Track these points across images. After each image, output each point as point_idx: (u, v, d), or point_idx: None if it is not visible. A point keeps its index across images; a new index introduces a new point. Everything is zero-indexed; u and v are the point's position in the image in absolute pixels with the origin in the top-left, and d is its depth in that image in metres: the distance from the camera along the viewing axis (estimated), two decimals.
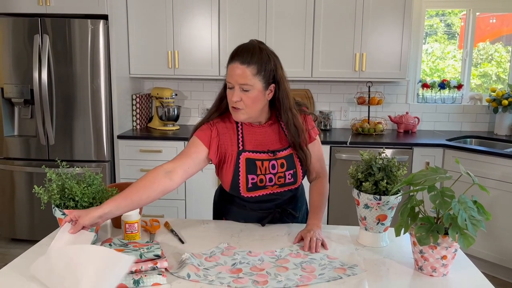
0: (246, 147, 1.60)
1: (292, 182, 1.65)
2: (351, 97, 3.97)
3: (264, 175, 1.60)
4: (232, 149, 1.60)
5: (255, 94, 1.51)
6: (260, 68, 1.49)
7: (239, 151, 1.59)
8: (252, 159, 1.59)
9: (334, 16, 3.51)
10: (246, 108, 1.52)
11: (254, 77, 1.48)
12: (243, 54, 1.49)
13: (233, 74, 1.49)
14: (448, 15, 4.12)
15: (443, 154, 3.33)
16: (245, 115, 1.54)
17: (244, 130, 1.62)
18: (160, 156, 3.49)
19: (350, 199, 3.39)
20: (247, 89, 1.49)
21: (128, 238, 1.50)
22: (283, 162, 1.62)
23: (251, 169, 1.59)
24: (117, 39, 3.45)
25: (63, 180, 1.44)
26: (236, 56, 1.50)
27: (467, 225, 1.18)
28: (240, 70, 1.48)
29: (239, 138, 1.61)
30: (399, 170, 1.47)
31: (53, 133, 3.41)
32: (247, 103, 1.51)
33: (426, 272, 1.31)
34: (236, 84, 1.49)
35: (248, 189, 1.60)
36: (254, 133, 1.62)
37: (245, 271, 1.33)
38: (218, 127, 1.60)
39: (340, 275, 1.30)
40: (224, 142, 1.60)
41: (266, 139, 1.63)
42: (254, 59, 1.48)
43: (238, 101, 1.50)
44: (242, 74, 1.48)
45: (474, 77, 4.08)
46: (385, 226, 1.51)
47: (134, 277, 1.22)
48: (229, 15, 3.56)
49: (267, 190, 1.64)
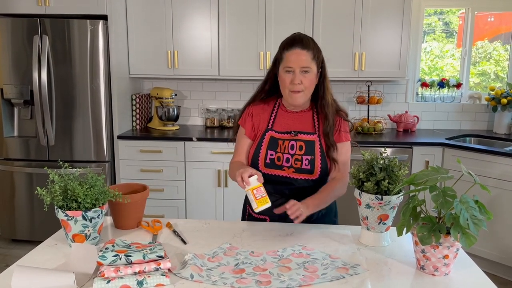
0: (274, 127, 1.76)
1: (308, 170, 1.69)
2: (350, 96, 3.97)
3: (282, 153, 1.71)
4: (262, 126, 1.77)
5: (312, 76, 1.67)
6: (315, 54, 1.67)
7: (267, 129, 1.76)
8: (276, 138, 1.73)
9: (333, 15, 3.52)
10: (305, 90, 1.67)
11: (312, 60, 1.66)
12: (302, 41, 1.67)
13: (295, 59, 1.64)
14: (446, 13, 4.13)
15: (443, 153, 3.34)
16: (304, 98, 1.70)
17: (278, 113, 1.78)
18: (160, 156, 3.50)
19: (351, 198, 3.40)
20: (308, 70, 1.65)
21: (261, 203, 1.50)
22: (302, 145, 1.70)
23: (272, 146, 1.73)
24: (117, 39, 3.44)
25: (65, 181, 1.44)
26: (295, 43, 1.67)
27: (469, 225, 1.18)
28: (302, 54, 1.65)
29: (271, 119, 1.77)
30: (401, 170, 1.47)
31: (53, 134, 3.41)
32: (306, 85, 1.66)
33: (428, 271, 1.32)
34: (298, 67, 1.64)
35: (266, 164, 1.72)
36: (286, 117, 1.76)
37: (248, 271, 1.33)
38: (254, 109, 1.80)
39: (342, 275, 1.31)
40: (257, 121, 1.78)
41: (296, 123, 1.75)
42: (311, 46, 1.67)
43: (299, 83, 1.65)
44: (304, 58, 1.64)
45: (473, 76, 4.09)
46: (387, 226, 1.52)
47: (138, 278, 1.22)
48: (229, 15, 3.56)
49: (284, 172, 1.71)
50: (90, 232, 1.45)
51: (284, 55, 1.67)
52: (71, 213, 1.40)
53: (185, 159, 3.49)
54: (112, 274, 1.22)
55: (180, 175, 3.52)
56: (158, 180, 3.52)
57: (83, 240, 1.45)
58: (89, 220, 1.43)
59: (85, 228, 1.43)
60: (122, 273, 1.23)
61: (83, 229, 1.43)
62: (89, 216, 1.42)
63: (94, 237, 1.47)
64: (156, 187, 3.52)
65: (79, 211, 1.41)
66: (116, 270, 1.23)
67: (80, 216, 1.41)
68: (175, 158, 3.49)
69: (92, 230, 1.45)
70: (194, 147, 3.47)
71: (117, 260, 1.26)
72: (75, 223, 1.42)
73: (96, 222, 1.45)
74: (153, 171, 3.52)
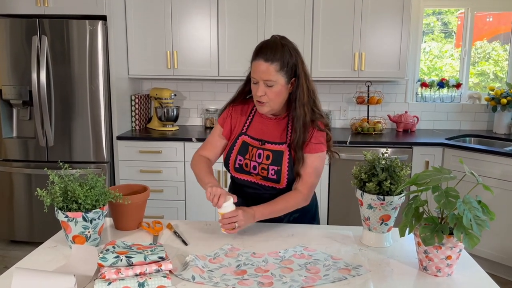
0: (248, 132, 1.73)
1: (275, 180, 1.66)
2: (350, 96, 3.97)
3: (249, 160, 1.69)
4: (238, 128, 1.75)
5: (278, 88, 1.59)
6: (283, 64, 1.57)
7: (241, 132, 1.74)
8: (247, 143, 1.72)
9: (333, 15, 3.51)
10: (270, 102, 1.61)
11: (277, 73, 1.57)
12: (267, 52, 1.57)
13: (258, 70, 1.58)
14: (445, 13, 4.13)
15: (443, 153, 3.34)
16: (269, 108, 1.64)
17: (255, 117, 1.75)
18: (159, 157, 3.49)
19: (350, 199, 3.41)
20: (271, 84, 1.58)
21: (227, 230, 1.52)
22: (269, 155, 1.67)
23: (242, 151, 1.71)
24: (116, 40, 3.43)
25: (65, 182, 1.43)
26: (260, 54, 1.58)
27: (472, 225, 1.18)
28: (264, 67, 1.56)
29: (246, 122, 1.75)
30: (403, 170, 1.47)
31: (52, 135, 3.40)
32: (271, 97, 1.60)
33: (431, 272, 1.31)
34: (261, 79, 1.58)
35: (235, 168, 1.72)
36: (261, 123, 1.73)
37: (250, 272, 1.33)
38: (234, 111, 1.78)
39: (345, 276, 1.30)
40: (235, 123, 1.77)
41: (269, 130, 1.71)
42: (277, 56, 1.56)
43: (263, 95, 1.60)
44: (266, 70, 1.56)
45: (472, 76, 4.09)
46: (389, 226, 1.51)
47: (139, 280, 1.21)
48: (228, 15, 3.55)
49: (252, 178, 1.71)
50: (91, 234, 1.44)
51: (252, 64, 1.61)
52: (71, 214, 1.39)
53: (185, 159, 3.48)
54: (113, 276, 1.21)
55: (179, 175, 3.51)
56: (157, 181, 3.51)
57: (83, 242, 1.44)
58: (89, 221, 1.42)
59: (85, 229, 1.42)
60: (123, 274, 1.22)
61: (83, 230, 1.42)
62: (89, 217, 1.41)
63: (94, 238, 1.46)
64: (155, 187, 3.51)
65: (79, 213, 1.40)
66: (117, 272, 1.22)
67: (81, 218, 1.40)
68: (175, 158, 3.48)
69: (93, 231, 1.44)
70: (193, 148, 3.46)
71: (118, 261, 1.25)
72: (75, 224, 1.41)
73: (97, 223, 1.45)
74: (152, 172, 3.51)
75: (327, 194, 3.45)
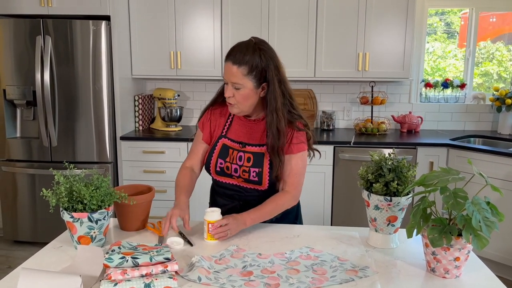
0: (228, 134, 1.73)
1: (256, 181, 1.66)
2: (354, 97, 3.96)
3: (230, 163, 1.69)
4: (217, 132, 1.76)
5: (246, 92, 1.59)
6: (251, 69, 1.56)
7: (221, 135, 1.74)
8: (227, 146, 1.72)
9: (336, 15, 3.50)
10: (238, 104, 1.62)
11: (244, 77, 1.57)
12: (236, 54, 1.57)
13: (226, 72, 1.60)
14: (448, 14, 4.12)
15: (447, 153, 3.33)
16: (237, 109, 1.65)
17: (234, 119, 1.75)
18: (163, 157, 3.48)
19: (354, 199, 3.40)
20: (238, 87, 1.59)
21: (211, 238, 1.53)
22: (250, 157, 1.67)
23: (223, 154, 1.71)
24: (119, 40, 3.43)
25: (71, 182, 1.43)
26: (230, 56, 1.59)
27: (481, 227, 1.17)
28: (231, 69, 1.57)
29: (225, 125, 1.75)
30: (410, 171, 1.46)
31: (56, 135, 3.40)
32: (238, 99, 1.61)
33: (439, 274, 1.30)
34: (229, 81, 1.60)
35: (217, 172, 1.72)
36: (241, 125, 1.73)
37: (256, 273, 1.32)
38: (213, 114, 1.78)
39: (352, 277, 1.29)
40: (214, 126, 1.77)
41: (249, 133, 1.71)
42: (245, 60, 1.56)
43: (231, 96, 1.61)
44: (234, 73, 1.57)
45: (476, 76, 4.07)
46: (396, 228, 1.50)
47: (145, 281, 1.21)
48: (231, 15, 3.55)
49: (234, 180, 1.71)
50: (96, 234, 1.44)
51: (224, 64, 1.64)
52: (76, 214, 1.39)
53: None
54: (119, 277, 1.20)
55: None
56: (161, 181, 3.50)
57: (88, 242, 1.43)
58: (95, 221, 1.41)
59: (90, 230, 1.42)
60: (129, 275, 1.21)
61: (88, 231, 1.42)
62: (95, 218, 1.41)
63: (100, 239, 1.46)
64: (159, 188, 3.49)
65: (85, 213, 1.39)
66: (123, 273, 1.21)
67: (86, 218, 1.40)
68: (178, 159, 3.48)
69: (98, 232, 1.44)
70: None
71: (124, 262, 1.24)
72: (80, 224, 1.40)
73: (102, 224, 1.44)
74: (156, 172, 3.50)
75: (331, 194, 3.44)
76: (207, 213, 1.55)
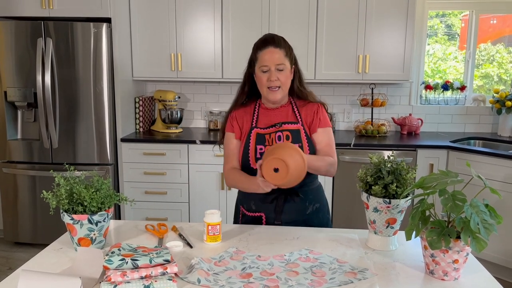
0: (258, 125, 1.80)
1: None
2: (354, 99, 3.96)
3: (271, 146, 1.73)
4: (247, 126, 1.81)
5: (287, 73, 1.74)
6: (287, 51, 1.74)
7: (252, 127, 1.80)
8: (262, 134, 1.78)
9: (337, 18, 3.51)
10: (282, 86, 1.73)
11: (285, 57, 1.73)
12: (274, 40, 1.74)
13: (269, 57, 1.71)
14: (448, 16, 4.12)
15: (447, 155, 3.33)
16: (282, 93, 1.75)
17: (260, 112, 1.83)
18: (163, 159, 3.49)
19: (354, 201, 3.40)
20: (282, 68, 1.71)
21: (210, 240, 1.54)
22: (288, 135, 1.75)
23: (260, 141, 1.77)
24: (120, 42, 3.44)
25: (71, 184, 1.43)
26: (268, 43, 1.73)
27: (479, 229, 1.17)
28: (274, 53, 1.71)
29: (253, 118, 1.82)
30: (409, 173, 1.46)
31: (57, 137, 3.41)
32: (282, 80, 1.72)
33: (438, 276, 1.30)
34: (273, 65, 1.70)
35: (257, 159, 1.74)
36: (268, 114, 1.81)
37: (255, 275, 1.32)
38: (237, 114, 1.84)
39: (351, 279, 1.30)
40: (241, 123, 1.83)
41: (278, 117, 1.80)
42: (282, 44, 1.74)
43: (276, 80, 1.71)
44: (278, 55, 1.71)
45: (476, 78, 4.08)
46: (395, 230, 1.51)
47: (144, 283, 1.21)
48: (232, 17, 3.56)
49: None
50: (96, 236, 1.44)
51: (259, 55, 1.73)
52: (77, 216, 1.40)
53: (189, 162, 3.48)
54: (118, 279, 1.21)
55: (183, 178, 3.51)
56: (161, 183, 3.51)
57: (88, 244, 1.44)
58: (95, 223, 1.42)
59: (91, 231, 1.43)
60: (129, 277, 1.21)
61: (88, 232, 1.42)
62: (95, 219, 1.41)
63: (99, 241, 1.46)
64: (159, 190, 3.51)
65: (85, 215, 1.40)
66: (123, 275, 1.22)
67: (86, 220, 1.40)
68: (179, 161, 3.49)
69: (98, 233, 1.45)
70: (197, 150, 3.46)
71: (124, 264, 1.24)
72: (80, 226, 1.41)
73: (102, 225, 1.45)
74: (156, 174, 3.51)
75: (331, 196, 3.44)
76: (206, 215, 1.55)
